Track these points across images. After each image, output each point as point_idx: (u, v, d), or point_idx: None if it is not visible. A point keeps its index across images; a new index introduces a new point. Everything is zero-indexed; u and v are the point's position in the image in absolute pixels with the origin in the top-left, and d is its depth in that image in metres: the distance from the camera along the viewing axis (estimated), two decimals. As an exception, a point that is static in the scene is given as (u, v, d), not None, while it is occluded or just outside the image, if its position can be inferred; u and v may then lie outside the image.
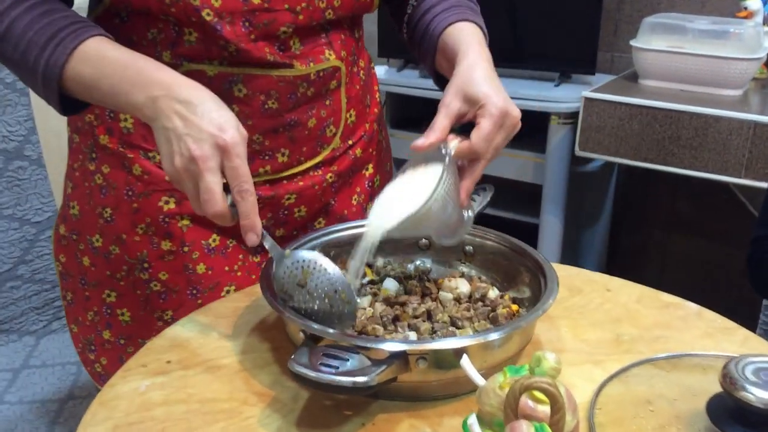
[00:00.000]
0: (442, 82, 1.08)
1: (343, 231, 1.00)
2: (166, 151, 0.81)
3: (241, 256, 1.09)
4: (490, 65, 0.95)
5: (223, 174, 0.80)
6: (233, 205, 0.81)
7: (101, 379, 1.15)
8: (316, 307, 0.82)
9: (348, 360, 0.73)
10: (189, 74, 0.95)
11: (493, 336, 0.77)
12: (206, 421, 0.77)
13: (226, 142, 0.79)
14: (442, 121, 0.89)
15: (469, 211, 0.93)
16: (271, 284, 0.86)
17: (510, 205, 2.45)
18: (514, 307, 0.94)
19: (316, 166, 1.10)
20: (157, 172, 1.03)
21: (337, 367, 0.72)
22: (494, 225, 1.00)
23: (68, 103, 0.91)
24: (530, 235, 2.37)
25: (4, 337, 2.14)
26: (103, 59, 0.87)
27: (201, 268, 1.06)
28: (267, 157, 1.04)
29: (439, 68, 1.07)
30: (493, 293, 0.96)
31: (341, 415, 0.78)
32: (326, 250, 0.94)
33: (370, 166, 1.20)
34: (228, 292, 1.07)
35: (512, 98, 0.93)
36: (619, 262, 2.76)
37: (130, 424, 0.76)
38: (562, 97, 2.20)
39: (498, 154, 0.91)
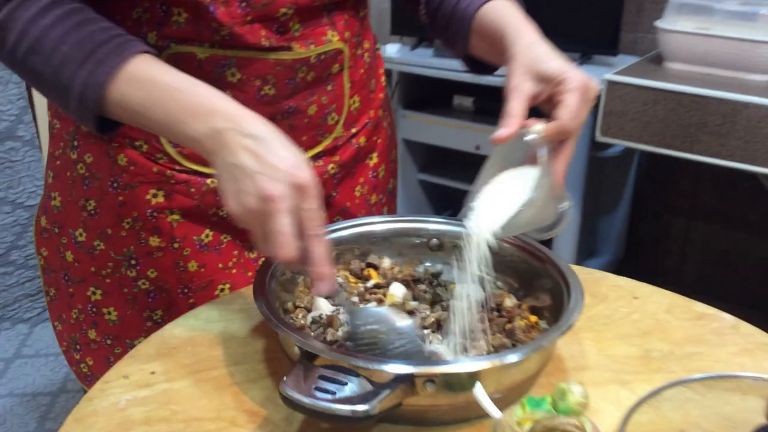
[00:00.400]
0: (477, 66, 1.01)
1: (345, 229, 0.91)
2: (233, 190, 0.72)
3: (236, 252, 1.02)
4: (545, 41, 0.87)
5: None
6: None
7: (87, 380, 1.08)
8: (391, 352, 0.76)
9: (346, 384, 0.66)
10: (177, 57, 0.87)
11: (512, 358, 0.69)
12: (190, 445, 0.69)
13: (303, 182, 0.71)
14: (517, 106, 0.82)
15: (566, 200, 0.87)
16: (266, 293, 0.78)
17: (526, 191, 2.36)
18: (533, 318, 0.85)
19: (316, 157, 1.02)
20: (143, 163, 0.95)
21: (334, 393, 0.64)
22: None
23: (104, 122, 0.83)
24: (547, 222, 2.28)
25: (-4, 325, 2.10)
26: (155, 83, 0.78)
27: (193, 265, 0.99)
28: None
29: (476, 51, 0.99)
30: (510, 302, 0.87)
31: (340, 439, 0.70)
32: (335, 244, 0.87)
33: (375, 155, 1.12)
34: (222, 290, 1.00)
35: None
36: (638, 251, 2.67)
37: (106, 446, 0.69)
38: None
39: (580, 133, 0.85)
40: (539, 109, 0.86)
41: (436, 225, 0.93)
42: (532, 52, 0.85)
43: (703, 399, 0.77)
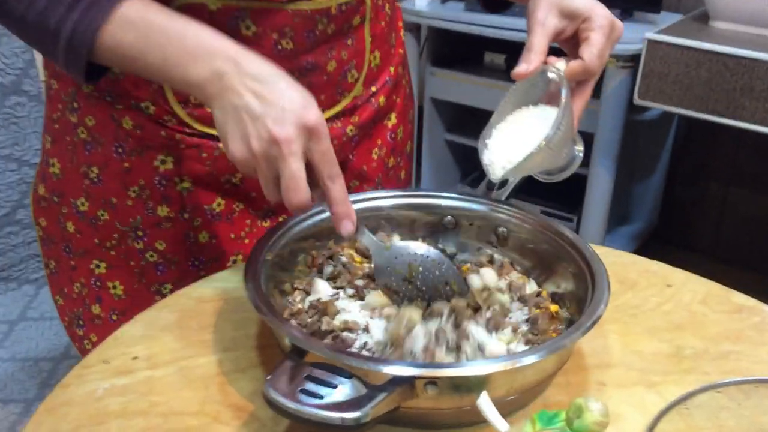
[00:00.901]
0: (490, 2, 0.96)
1: (359, 202, 0.83)
2: (238, 133, 0.68)
3: (248, 222, 0.96)
4: None
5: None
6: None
7: None
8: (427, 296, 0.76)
9: (336, 386, 0.59)
10: (186, 8, 0.79)
11: (527, 360, 0.62)
12: (167, 443, 0.63)
13: (313, 122, 0.68)
14: (540, 41, 0.80)
15: (579, 144, 0.83)
16: (258, 273, 0.71)
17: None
18: (554, 307, 0.78)
19: (335, 117, 0.95)
20: (151, 127, 0.88)
21: (322, 397, 0.58)
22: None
23: (91, 70, 0.76)
24: (578, 186, 2.19)
25: (3, 286, 2.04)
26: (151, 25, 0.72)
27: (204, 236, 0.93)
28: None
29: None
30: (530, 288, 0.80)
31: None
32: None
33: (393, 115, 1.04)
34: (234, 262, 0.94)
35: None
36: (673, 217, 2.57)
37: (77, 441, 0.63)
38: (622, 37, 1.98)
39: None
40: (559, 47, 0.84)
41: (450, 201, 0.85)
42: None
43: (739, 407, 0.69)
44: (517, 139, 0.79)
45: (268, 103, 0.67)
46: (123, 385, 0.69)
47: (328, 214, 0.83)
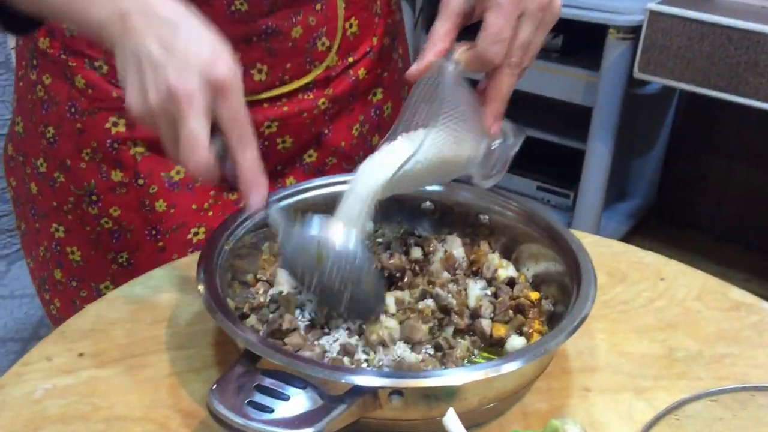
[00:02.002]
0: None
1: (318, 189, 0.77)
2: (136, 83, 0.59)
3: (212, 193, 0.91)
4: None
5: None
6: (222, 157, 0.60)
7: (57, 322, 0.98)
8: (333, 292, 0.65)
9: (289, 398, 0.53)
10: None
11: (507, 367, 0.56)
12: (107, 453, 0.58)
13: (221, 76, 0.58)
14: (441, 27, 0.67)
15: (502, 139, 0.71)
16: (213, 263, 0.66)
17: (555, 128, 2.19)
18: (534, 294, 0.72)
19: (305, 88, 0.89)
20: (103, 86, 0.85)
21: (272, 410, 0.52)
22: (537, 149, 0.77)
23: (15, 21, 0.71)
24: (575, 161, 2.13)
25: (-29, 262, 1.95)
26: None
27: (161, 205, 0.88)
28: None
29: None
30: (506, 272, 0.74)
31: (286, 456, 0.58)
32: (302, 210, 0.73)
33: (379, 91, 0.98)
34: (196, 234, 0.90)
35: (564, 6, 0.69)
36: (672, 193, 2.51)
37: (8, 450, 0.58)
38: (623, 8, 1.91)
39: (531, 58, 0.69)
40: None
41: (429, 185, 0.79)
42: None
43: (735, 418, 0.63)
44: (389, 156, 0.67)
45: (172, 51, 0.58)
46: (65, 385, 0.64)
47: (295, 198, 0.77)
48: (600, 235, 0.87)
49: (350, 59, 0.92)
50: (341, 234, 0.65)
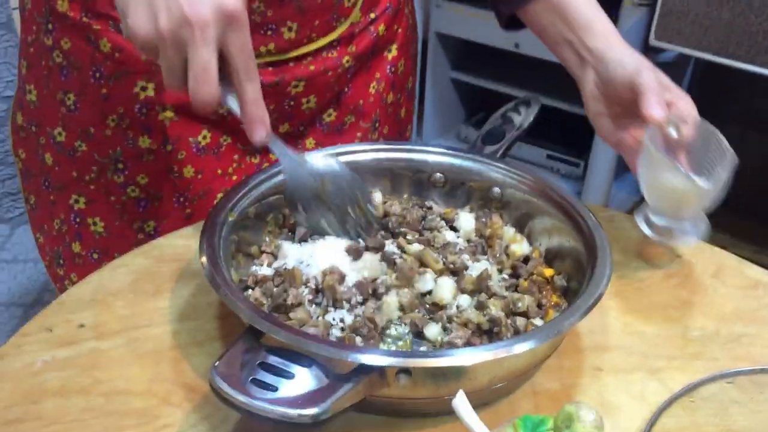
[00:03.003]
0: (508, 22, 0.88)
1: (339, 156, 0.75)
2: (145, 6, 0.58)
3: (236, 157, 0.89)
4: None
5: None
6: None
7: None
8: (333, 220, 0.71)
9: (294, 376, 0.51)
10: None
11: (520, 347, 0.54)
12: (106, 428, 0.57)
13: (231, 7, 0.58)
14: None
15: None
16: (215, 235, 0.64)
17: (567, 95, 2.15)
18: (549, 271, 0.70)
19: (330, 46, 0.87)
20: (130, 49, 0.81)
21: (276, 388, 0.50)
22: (547, 117, 0.84)
23: None
24: (586, 130, 2.09)
25: (-25, 225, 1.93)
26: None
27: (189, 171, 0.86)
28: (270, 32, 0.82)
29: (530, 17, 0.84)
30: (520, 247, 0.72)
31: (290, 434, 0.56)
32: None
33: (394, 47, 0.96)
34: None
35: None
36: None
37: (7, 423, 0.57)
38: (639, -27, 1.86)
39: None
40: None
41: (437, 157, 0.77)
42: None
43: (751, 401, 0.62)
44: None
45: None
46: (65, 357, 0.62)
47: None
48: (610, 205, 0.85)
49: (372, 15, 0.90)
50: (334, 160, 0.71)
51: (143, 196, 0.87)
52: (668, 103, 0.74)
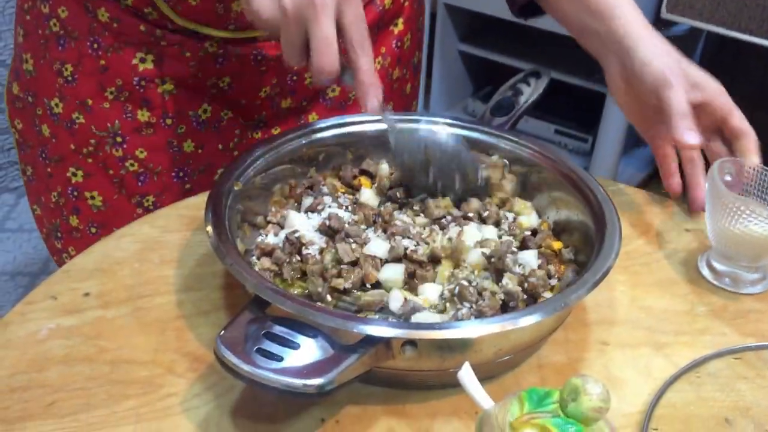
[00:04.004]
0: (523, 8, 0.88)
1: (334, 128, 0.75)
2: None
3: (238, 132, 0.88)
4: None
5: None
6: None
7: None
8: (439, 184, 0.72)
9: (299, 346, 0.51)
10: None
11: (527, 320, 0.54)
12: (111, 396, 0.57)
13: None
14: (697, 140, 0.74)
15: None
16: (221, 204, 0.63)
17: (576, 69, 2.13)
18: (557, 244, 0.70)
19: None
20: (129, 20, 0.80)
21: (282, 358, 0.50)
22: (555, 91, 0.83)
23: None
24: (596, 104, 2.08)
25: (-19, 194, 1.92)
26: None
27: (189, 145, 0.85)
28: None
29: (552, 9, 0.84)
30: (528, 220, 0.71)
31: (294, 404, 0.56)
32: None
33: (400, 21, 0.94)
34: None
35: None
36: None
37: (12, 390, 0.57)
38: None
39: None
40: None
41: (445, 128, 0.76)
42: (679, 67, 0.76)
43: (758, 377, 0.61)
44: None
45: None
46: (69, 326, 0.62)
47: (312, 137, 0.75)
48: (618, 180, 0.84)
49: None
50: (444, 135, 0.73)
51: (142, 170, 0.86)
52: (700, 105, 0.74)
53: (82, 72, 0.83)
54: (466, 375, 0.48)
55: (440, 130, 0.74)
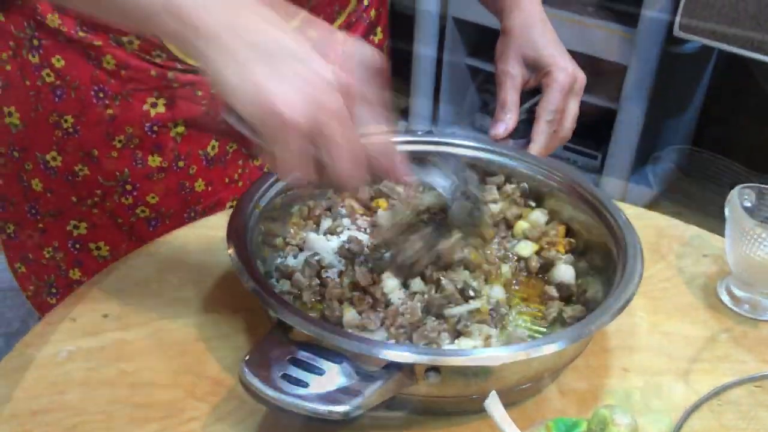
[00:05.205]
0: None
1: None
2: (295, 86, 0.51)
3: (240, 162, 0.88)
4: (543, 17, 0.85)
5: None
6: None
7: None
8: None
9: (324, 372, 0.51)
10: None
11: (550, 348, 0.54)
12: (133, 420, 0.56)
13: (348, 81, 0.53)
14: (512, 97, 0.81)
15: None
16: (243, 227, 0.63)
17: (585, 87, 2.13)
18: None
19: None
20: (138, 65, 0.77)
21: (307, 384, 0.50)
22: None
23: None
24: (604, 122, 2.07)
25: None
26: None
27: (199, 185, 0.84)
28: None
29: None
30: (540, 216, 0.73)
31: (317, 430, 0.56)
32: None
33: (379, 29, 0.95)
34: (231, 207, 0.85)
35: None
36: (704, 158, 2.45)
37: (33, 413, 0.56)
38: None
39: (573, 126, 0.84)
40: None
41: (472, 151, 0.76)
42: (525, 35, 0.83)
43: (782, 406, 0.61)
44: None
45: (305, 63, 0.52)
46: (90, 348, 0.62)
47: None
48: (627, 199, 0.85)
49: (365, 2, 0.89)
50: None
51: (153, 215, 0.85)
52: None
53: (86, 123, 0.79)
54: (493, 403, 0.47)
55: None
